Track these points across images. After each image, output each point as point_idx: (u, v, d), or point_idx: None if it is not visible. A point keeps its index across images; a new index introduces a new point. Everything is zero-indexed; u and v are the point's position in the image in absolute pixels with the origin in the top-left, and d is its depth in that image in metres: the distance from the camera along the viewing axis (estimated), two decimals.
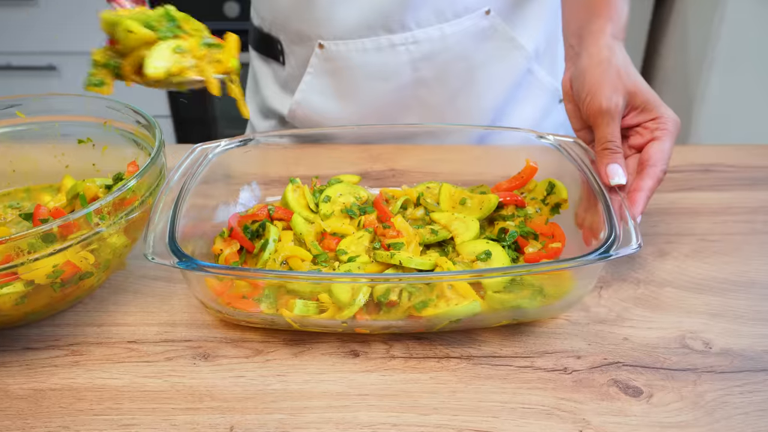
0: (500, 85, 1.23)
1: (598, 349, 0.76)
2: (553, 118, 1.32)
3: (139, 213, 0.79)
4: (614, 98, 0.82)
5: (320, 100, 1.21)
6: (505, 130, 1.01)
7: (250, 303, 0.75)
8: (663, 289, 0.85)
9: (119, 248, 0.78)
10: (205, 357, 0.75)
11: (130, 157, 0.93)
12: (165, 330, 0.79)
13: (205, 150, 0.92)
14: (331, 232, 0.87)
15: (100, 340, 0.78)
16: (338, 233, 0.87)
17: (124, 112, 0.93)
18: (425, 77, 1.17)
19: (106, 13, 0.83)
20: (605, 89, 0.83)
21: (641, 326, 0.79)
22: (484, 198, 0.90)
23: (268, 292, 0.74)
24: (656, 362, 0.74)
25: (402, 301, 0.73)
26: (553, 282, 0.74)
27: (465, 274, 0.72)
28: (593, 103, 0.84)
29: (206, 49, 0.85)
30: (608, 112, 0.82)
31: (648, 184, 0.80)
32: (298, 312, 0.73)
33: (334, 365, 0.74)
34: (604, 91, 0.83)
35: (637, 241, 0.71)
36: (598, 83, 0.84)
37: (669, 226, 0.97)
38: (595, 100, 0.83)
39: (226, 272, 0.71)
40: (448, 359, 0.75)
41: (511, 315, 0.76)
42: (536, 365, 0.74)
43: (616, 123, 0.83)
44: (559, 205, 0.91)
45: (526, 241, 0.86)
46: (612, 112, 0.82)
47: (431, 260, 0.79)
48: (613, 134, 0.83)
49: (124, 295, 0.85)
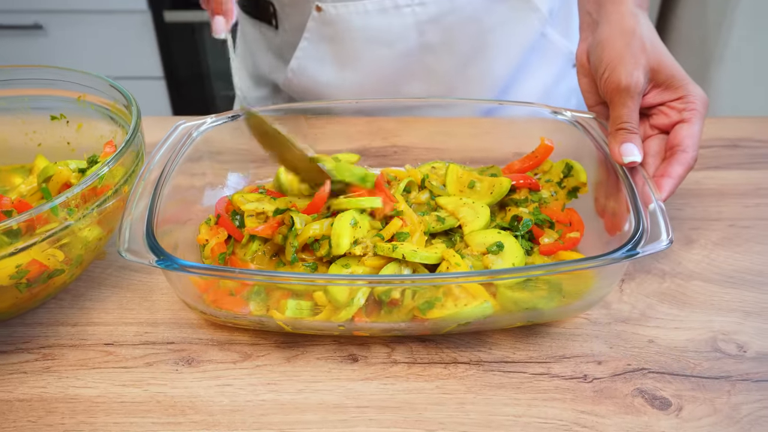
0: (513, 50, 1.14)
1: (620, 353, 0.69)
2: (566, 84, 1.23)
3: (115, 202, 0.71)
4: (635, 75, 0.74)
5: (318, 68, 1.12)
6: (518, 105, 0.92)
7: (238, 302, 0.68)
8: (690, 282, 0.77)
9: (93, 242, 0.71)
10: (188, 362, 0.69)
11: (107, 136, 0.85)
12: (145, 330, 0.72)
13: (189, 128, 0.84)
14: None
15: (75, 342, 0.71)
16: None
17: (99, 86, 0.84)
18: (432, 42, 1.08)
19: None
20: (627, 64, 0.74)
21: (668, 326, 0.72)
22: (495, 181, 0.82)
23: (258, 289, 0.67)
24: (685, 368, 0.67)
25: (405, 301, 0.66)
26: (573, 280, 0.67)
27: (474, 275, 0.65)
28: (612, 79, 0.75)
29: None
30: (627, 91, 0.74)
31: (677, 171, 0.72)
32: (291, 314, 0.66)
33: (330, 372, 0.68)
34: (626, 65, 0.74)
35: (668, 236, 0.64)
36: (618, 57, 0.75)
37: (695, 209, 0.89)
38: (614, 76, 0.75)
39: (210, 273, 0.64)
40: (456, 365, 0.68)
41: (526, 316, 0.68)
42: (553, 372, 0.67)
43: (635, 102, 0.75)
44: (577, 189, 0.83)
45: (541, 230, 0.78)
46: (631, 91, 0.74)
47: (437, 253, 0.72)
48: (629, 115, 0.75)
49: (101, 289, 0.78)
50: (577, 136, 0.84)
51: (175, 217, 0.79)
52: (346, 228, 0.72)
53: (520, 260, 0.71)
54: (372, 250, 0.72)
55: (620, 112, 0.75)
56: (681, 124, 0.75)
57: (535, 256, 0.76)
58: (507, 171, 0.89)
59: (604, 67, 0.76)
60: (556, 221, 0.80)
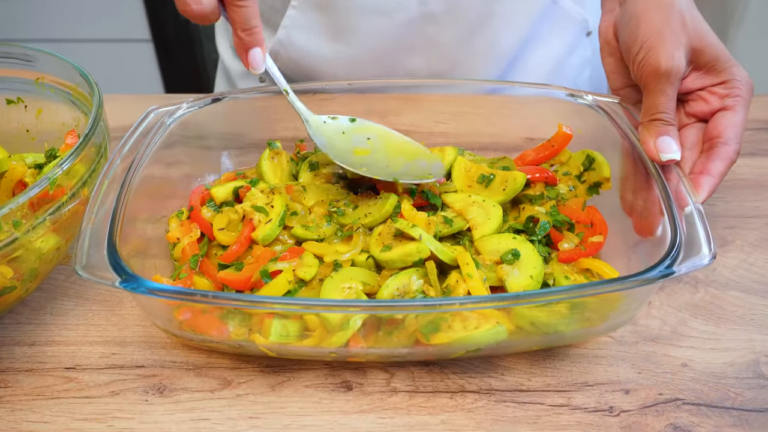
0: (522, 18, 1.03)
1: (650, 380, 0.60)
2: (579, 54, 1.12)
3: (74, 205, 0.62)
4: (677, 57, 0.64)
5: (308, 39, 1.01)
6: (531, 86, 0.82)
7: (214, 322, 0.59)
8: (727, 293, 0.69)
9: (49, 252, 0.62)
10: (159, 390, 0.60)
11: (69, 123, 0.75)
12: (112, 351, 0.64)
13: (161, 115, 0.74)
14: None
15: (32, 366, 0.63)
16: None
17: (59, 66, 0.74)
18: (434, 11, 0.97)
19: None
20: (667, 44, 0.65)
21: (703, 346, 0.64)
22: (507, 176, 0.73)
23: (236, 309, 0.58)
24: (725, 399, 0.59)
25: (407, 321, 0.57)
26: (599, 302, 0.58)
27: (488, 300, 0.56)
28: (649, 61, 0.66)
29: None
30: (667, 75, 0.65)
31: (718, 167, 0.63)
32: (276, 338, 0.58)
33: (320, 402, 0.59)
34: (666, 46, 0.65)
35: (710, 250, 0.55)
36: (657, 34, 0.66)
37: (729, 205, 0.80)
38: (652, 58, 0.65)
39: (182, 297, 0.55)
40: (464, 394, 0.60)
41: (544, 341, 0.60)
42: (574, 403, 0.59)
43: (674, 89, 0.66)
44: (599, 184, 0.74)
45: (560, 233, 0.69)
46: (672, 76, 0.65)
47: (452, 254, 0.63)
48: (667, 104, 0.65)
49: (64, 300, 0.69)
50: (599, 122, 0.75)
51: (147, 213, 0.70)
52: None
53: (539, 271, 0.63)
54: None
55: (657, 100, 0.65)
56: (722, 113, 0.66)
57: (553, 263, 0.67)
58: (520, 161, 0.80)
59: (639, 46, 0.67)
60: (576, 222, 0.71)
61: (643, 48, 0.66)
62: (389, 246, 0.64)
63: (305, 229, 0.69)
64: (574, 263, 0.66)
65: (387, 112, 0.94)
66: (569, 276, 0.64)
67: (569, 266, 0.66)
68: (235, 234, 0.68)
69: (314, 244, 0.67)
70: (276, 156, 0.80)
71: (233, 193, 0.75)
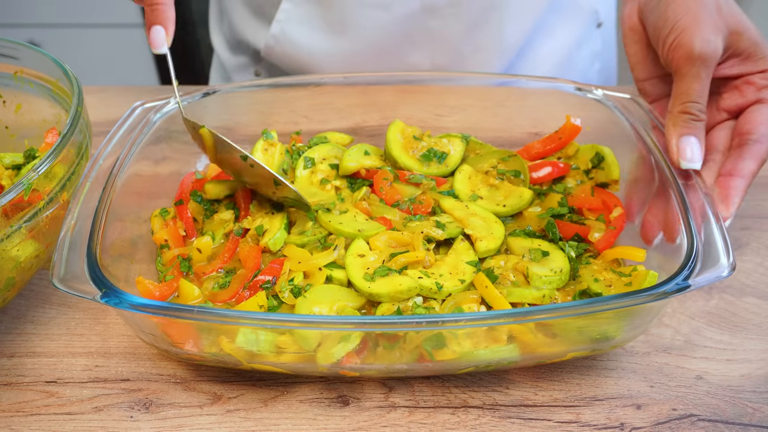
0: (528, 9, 0.98)
1: (663, 394, 0.57)
2: (589, 47, 1.08)
3: (52, 211, 0.58)
4: (713, 41, 0.59)
5: (304, 33, 0.97)
6: (537, 80, 0.78)
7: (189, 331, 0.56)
8: (743, 299, 0.66)
9: (27, 260, 0.59)
10: (145, 406, 0.57)
11: (50, 120, 0.71)
12: (96, 363, 0.61)
13: (148, 111, 0.70)
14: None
15: (10, 380, 0.59)
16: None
17: (38, 60, 0.70)
18: (436, 4, 0.92)
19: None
20: (702, 25, 0.60)
21: (719, 357, 0.60)
22: (514, 191, 0.70)
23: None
24: (742, 415, 0.56)
25: (408, 338, 0.54)
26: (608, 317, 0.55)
27: (502, 317, 0.52)
28: (681, 45, 0.61)
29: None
30: (702, 59, 0.60)
31: (749, 167, 0.59)
32: (243, 344, 0.53)
33: (315, 419, 0.56)
34: (702, 28, 0.60)
35: (729, 261, 0.52)
36: (692, 16, 0.61)
37: (744, 204, 0.76)
38: (685, 41, 0.60)
39: (166, 313, 0.51)
40: (466, 409, 0.57)
41: (554, 355, 0.57)
42: (583, 419, 0.56)
43: (708, 75, 0.61)
44: (606, 185, 0.70)
45: (583, 225, 0.66)
46: (707, 60, 0.60)
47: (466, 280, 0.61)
48: (700, 91, 0.60)
49: (46, 308, 0.66)
50: (609, 117, 0.72)
51: (133, 213, 0.67)
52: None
53: (561, 266, 0.61)
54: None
55: (689, 86, 0.60)
56: (757, 106, 0.62)
57: (582, 269, 0.63)
58: (525, 153, 0.76)
59: (670, 27, 0.62)
60: (589, 209, 0.68)
61: (674, 29, 0.61)
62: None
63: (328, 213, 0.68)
64: (600, 257, 0.63)
65: (385, 105, 0.90)
66: (598, 278, 0.60)
67: (597, 265, 0.62)
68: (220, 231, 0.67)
69: (297, 252, 0.64)
70: (270, 147, 0.76)
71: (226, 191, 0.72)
